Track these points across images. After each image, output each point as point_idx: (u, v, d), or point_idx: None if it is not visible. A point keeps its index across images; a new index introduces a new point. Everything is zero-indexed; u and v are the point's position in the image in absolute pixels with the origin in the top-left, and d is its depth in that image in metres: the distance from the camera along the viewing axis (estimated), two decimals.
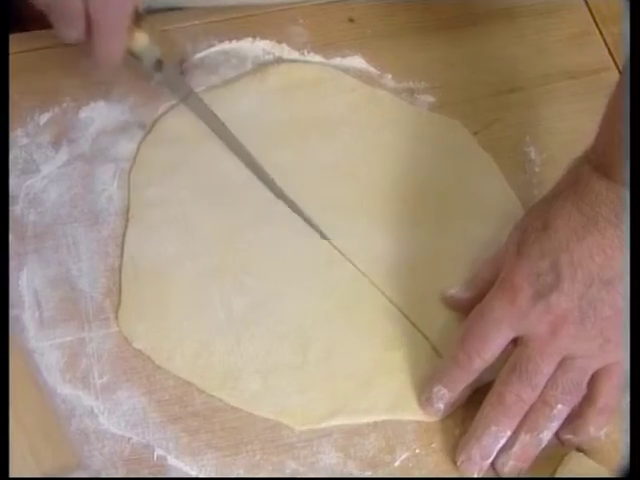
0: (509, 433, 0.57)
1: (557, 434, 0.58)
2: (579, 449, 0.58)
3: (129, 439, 0.57)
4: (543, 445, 0.57)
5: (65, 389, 0.59)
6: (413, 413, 0.59)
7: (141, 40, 0.63)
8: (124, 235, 0.64)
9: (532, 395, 0.56)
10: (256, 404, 0.59)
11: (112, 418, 0.58)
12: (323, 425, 0.58)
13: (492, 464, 0.57)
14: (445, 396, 0.58)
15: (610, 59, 0.74)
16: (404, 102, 0.71)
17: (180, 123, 0.68)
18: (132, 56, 0.64)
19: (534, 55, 0.74)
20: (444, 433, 0.59)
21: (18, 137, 0.67)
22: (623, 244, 0.54)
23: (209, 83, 0.70)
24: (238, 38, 0.72)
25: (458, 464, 0.57)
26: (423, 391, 0.59)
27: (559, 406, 0.56)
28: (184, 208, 0.65)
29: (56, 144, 0.67)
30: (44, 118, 0.68)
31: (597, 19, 0.76)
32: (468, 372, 0.57)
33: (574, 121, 0.70)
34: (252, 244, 0.64)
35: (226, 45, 0.72)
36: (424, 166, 0.68)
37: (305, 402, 0.59)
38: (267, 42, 0.72)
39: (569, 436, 0.58)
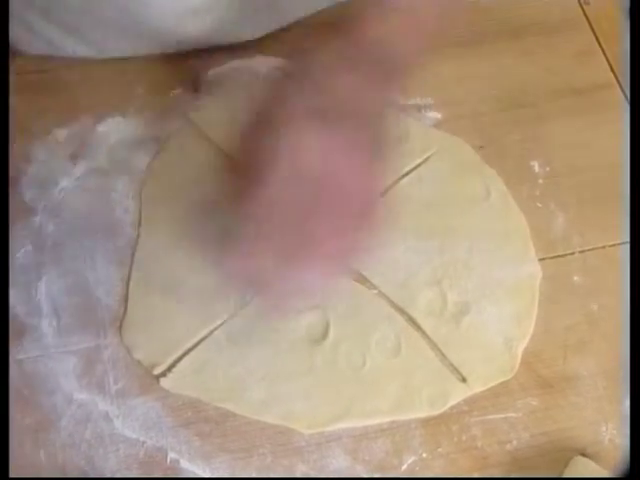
0: None
1: None
2: (584, 454, 0.59)
3: (143, 442, 0.59)
4: None
5: (81, 394, 0.60)
6: (416, 412, 0.60)
7: None
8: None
9: None
10: (262, 411, 0.60)
11: (127, 422, 0.59)
12: (329, 428, 0.59)
13: None
14: None
15: (612, 76, 0.75)
16: (410, 118, 0.72)
17: (192, 140, 0.70)
18: None
19: (540, 72, 0.76)
20: (450, 438, 0.60)
21: (38, 151, 0.68)
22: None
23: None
24: (250, 55, 0.74)
25: None
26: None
27: None
28: (193, 225, 0.65)
29: (74, 158, 0.68)
30: (63, 133, 0.69)
31: (600, 38, 0.78)
32: None
33: (578, 135, 0.71)
34: None
35: (238, 62, 0.73)
36: (429, 183, 0.68)
37: (311, 407, 0.60)
38: (277, 59, 0.73)
39: None
